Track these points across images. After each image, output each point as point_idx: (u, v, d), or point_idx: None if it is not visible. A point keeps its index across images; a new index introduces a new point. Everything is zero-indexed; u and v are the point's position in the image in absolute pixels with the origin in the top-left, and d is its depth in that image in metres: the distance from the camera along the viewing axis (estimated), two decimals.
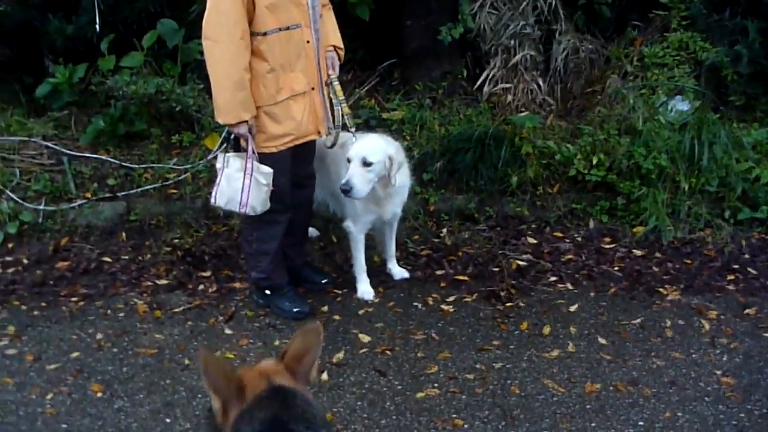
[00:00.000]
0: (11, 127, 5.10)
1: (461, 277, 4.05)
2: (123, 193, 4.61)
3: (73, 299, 3.86)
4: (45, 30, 5.30)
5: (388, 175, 3.49)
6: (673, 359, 3.33)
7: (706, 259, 4.26)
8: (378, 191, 3.58)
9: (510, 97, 5.40)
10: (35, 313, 3.75)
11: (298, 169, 3.51)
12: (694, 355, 3.37)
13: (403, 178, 3.67)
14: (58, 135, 5.13)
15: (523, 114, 5.17)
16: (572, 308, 3.74)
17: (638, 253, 4.31)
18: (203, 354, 1.59)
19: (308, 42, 3.27)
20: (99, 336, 3.54)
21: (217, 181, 3.31)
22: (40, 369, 3.30)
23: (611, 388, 3.12)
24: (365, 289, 3.86)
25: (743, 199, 4.58)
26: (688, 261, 4.24)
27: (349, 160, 3.43)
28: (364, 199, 3.54)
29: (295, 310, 3.65)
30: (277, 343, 3.46)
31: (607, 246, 4.39)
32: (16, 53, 5.60)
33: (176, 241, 4.37)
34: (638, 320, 3.64)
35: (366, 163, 3.40)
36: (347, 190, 3.37)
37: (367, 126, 4.95)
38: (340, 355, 3.36)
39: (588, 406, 3.01)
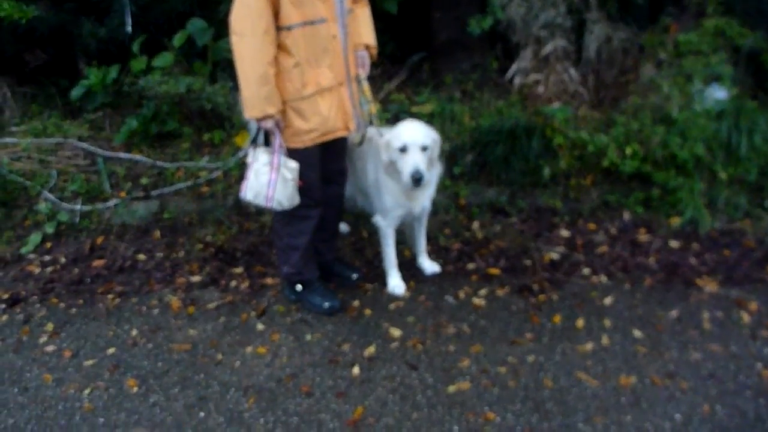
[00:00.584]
0: (48, 129, 5.23)
1: (493, 271, 4.01)
2: (156, 192, 4.68)
3: (109, 296, 3.93)
4: (78, 33, 5.40)
5: (431, 157, 3.48)
6: (712, 352, 3.25)
7: (746, 250, 4.15)
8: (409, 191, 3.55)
9: (541, 88, 5.33)
10: (73, 310, 3.83)
11: (328, 164, 3.51)
12: (733, 348, 3.28)
13: (436, 169, 3.66)
14: (93, 136, 5.24)
15: (554, 105, 5.09)
16: (606, 301, 3.68)
17: (675, 244, 4.22)
18: None
19: (335, 37, 3.25)
20: (134, 332, 3.60)
21: (247, 175, 3.33)
22: (78, 365, 3.36)
23: (647, 381, 3.06)
24: (396, 284, 3.85)
25: None
26: (727, 252, 4.13)
27: (403, 150, 3.39)
28: (396, 193, 3.54)
29: (326, 305, 3.66)
30: (308, 338, 3.47)
31: (643, 238, 4.30)
32: (52, 57, 5.71)
33: (209, 238, 4.42)
34: (675, 312, 3.57)
35: (424, 148, 3.40)
36: (419, 179, 3.34)
37: (397, 120, 4.91)
38: (372, 349, 3.35)
39: (623, 400, 2.95)
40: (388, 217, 3.71)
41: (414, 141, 3.38)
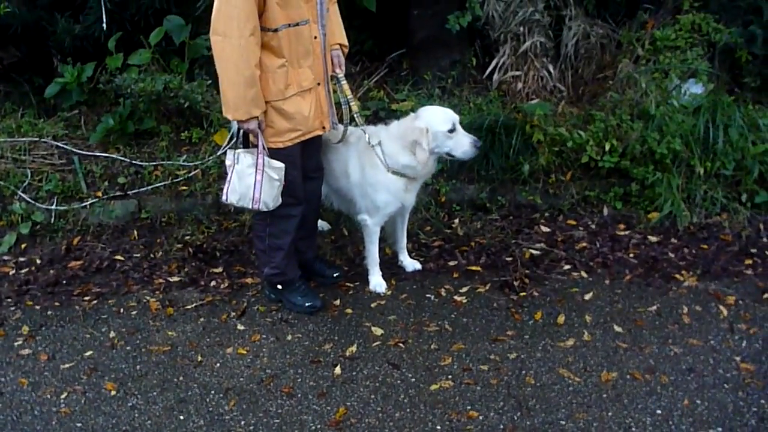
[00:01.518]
0: (22, 128, 5.12)
1: (474, 268, 4.01)
2: (134, 191, 4.62)
3: (86, 298, 3.88)
4: (53, 30, 5.29)
5: None
6: (691, 346, 3.28)
7: (723, 244, 4.20)
8: (418, 170, 3.57)
9: (520, 85, 5.34)
10: (49, 312, 3.77)
11: (307, 162, 3.50)
12: (712, 342, 3.31)
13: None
14: (68, 135, 5.14)
15: (533, 101, 5.10)
16: (587, 297, 3.70)
17: (653, 239, 4.25)
18: None
19: (315, 38, 3.25)
20: (112, 334, 3.55)
21: (228, 178, 3.29)
22: (55, 368, 3.31)
23: (628, 376, 3.08)
24: (377, 282, 3.83)
25: (760, 182, 4.50)
26: (705, 246, 4.18)
27: (453, 130, 3.47)
28: (397, 188, 3.60)
29: (307, 304, 3.63)
30: (289, 338, 3.44)
31: (622, 233, 4.33)
32: (25, 54, 5.61)
33: (187, 237, 4.37)
34: (654, 307, 3.59)
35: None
36: (480, 145, 3.53)
37: (376, 117, 4.91)
38: (353, 348, 3.34)
39: (604, 395, 2.97)
40: (378, 215, 3.69)
41: (456, 118, 3.53)
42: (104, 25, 4.99)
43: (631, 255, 4.10)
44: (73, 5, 5.29)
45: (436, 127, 3.44)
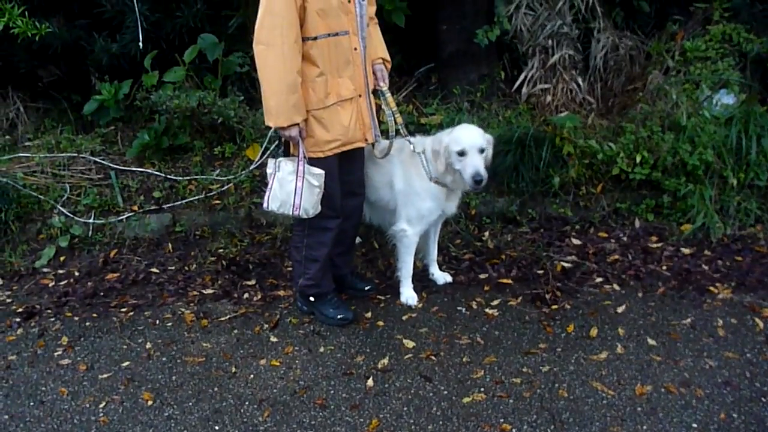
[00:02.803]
0: (61, 144, 5.28)
1: (505, 281, 4.01)
2: (168, 205, 4.72)
3: (123, 310, 3.96)
4: (91, 49, 5.45)
5: (486, 157, 3.57)
6: (727, 359, 3.24)
7: (758, 256, 4.14)
8: (456, 181, 3.58)
9: (549, 98, 5.34)
10: (87, 323, 3.86)
11: (347, 176, 3.53)
12: (748, 355, 3.27)
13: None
14: (105, 150, 5.29)
15: (563, 114, 5.10)
16: (620, 309, 3.68)
17: (686, 251, 4.21)
18: None
19: (356, 49, 3.31)
20: (148, 345, 3.61)
21: (269, 185, 3.35)
22: (93, 378, 3.38)
23: (662, 389, 3.05)
24: (409, 294, 3.86)
25: None
26: (739, 258, 4.13)
27: (462, 153, 3.44)
28: (439, 197, 3.63)
29: (339, 316, 3.67)
30: (322, 350, 3.48)
31: (654, 245, 4.30)
32: (65, 73, 5.77)
33: (221, 250, 4.45)
34: (689, 320, 3.56)
35: (481, 150, 3.47)
36: (481, 181, 3.41)
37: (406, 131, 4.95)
38: (385, 360, 3.36)
39: (639, 409, 2.94)
40: (420, 224, 3.73)
41: (473, 144, 3.46)
42: (140, 44, 5.12)
43: (664, 267, 4.07)
44: (111, 25, 5.44)
45: (451, 146, 3.48)
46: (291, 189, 3.25)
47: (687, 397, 3.00)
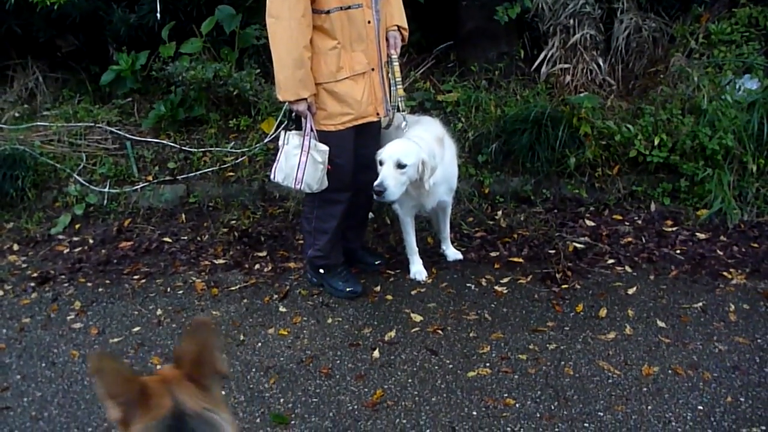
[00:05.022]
0: (78, 114, 5.33)
1: (516, 259, 3.99)
2: (183, 176, 4.75)
3: (135, 277, 4.00)
4: (109, 20, 5.45)
5: (420, 179, 3.41)
6: (737, 344, 3.20)
7: None
8: (411, 192, 3.52)
9: (569, 78, 5.26)
10: (100, 290, 3.91)
11: (361, 149, 3.49)
12: (759, 341, 3.23)
13: (443, 173, 3.57)
14: (122, 121, 5.32)
15: (582, 95, 5.04)
16: (630, 291, 3.64)
17: (702, 236, 4.16)
18: (97, 356, 1.40)
19: (369, 22, 3.27)
20: (159, 312, 3.65)
21: (277, 157, 3.37)
22: (104, 342, 3.43)
23: (670, 371, 3.03)
24: (418, 269, 3.85)
25: None
26: (755, 245, 4.06)
27: (381, 163, 3.37)
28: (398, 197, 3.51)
29: (348, 289, 3.68)
30: (329, 321, 3.49)
31: (669, 229, 4.25)
32: (83, 43, 5.78)
33: (233, 222, 4.47)
34: (700, 304, 3.52)
35: (400, 165, 3.33)
36: (381, 192, 3.30)
37: (422, 108, 4.93)
38: (392, 333, 3.37)
39: (645, 389, 2.92)
40: (404, 206, 3.71)
41: (390, 156, 3.33)
42: (158, 15, 5.12)
43: (678, 251, 4.02)
44: None
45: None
46: (295, 163, 3.25)
47: (694, 380, 2.97)
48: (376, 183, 3.32)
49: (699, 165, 4.38)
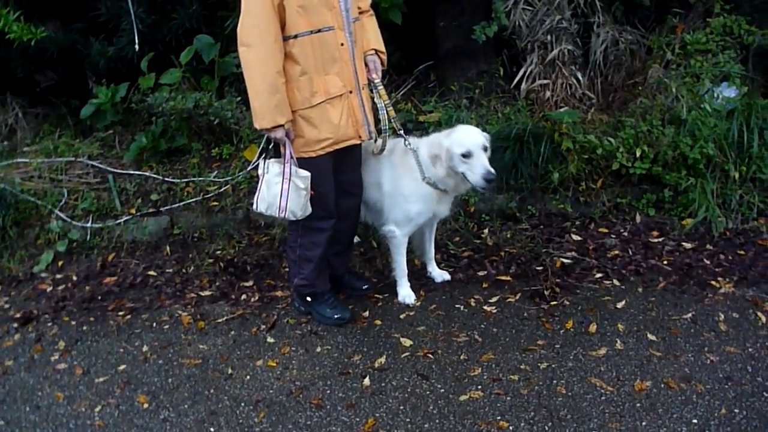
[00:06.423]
0: (59, 149, 5.29)
1: (504, 278, 3.97)
2: (166, 208, 4.72)
3: (120, 313, 3.95)
4: (88, 53, 5.44)
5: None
6: (728, 354, 3.19)
7: (761, 249, 4.09)
8: (451, 185, 3.51)
9: (549, 93, 5.29)
10: (84, 328, 3.85)
11: (342, 175, 3.48)
12: (750, 349, 3.22)
13: None
14: (103, 154, 5.29)
15: (562, 109, 5.06)
16: (619, 305, 3.63)
17: (688, 246, 4.16)
18: None
19: (342, 44, 3.25)
20: (145, 348, 3.60)
21: (258, 187, 3.34)
22: (89, 382, 3.37)
23: (662, 385, 3.01)
24: (406, 293, 3.82)
25: None
26: (742, 252, 4.07)
27: (467, 155, 3.33)
28: (430, 199, 3.54)
29: (336, 316, 3.64)
30: (319, 350, 3.45)
31: (655, 240, 4.25)
32: (62, 77, 5.77)
33: (219, 252, 4.43)
34: (690, 315, 3.51)
35: (485, 149, 3.39)
36: (492, 180, 3.30)
37: (404, 129, 4.91)
38: (382, 359, 3.33)
39: (638, 405, 2.90)
40: (408, 226, 3.66)
41: (476, 144, 3.36)
42: (137, 47, 5.11)
43: (665, 262, 4.02)
44: (107, 28, 5.43)
45: (453, 148, 3.38)
46: (277, 191, 3.22)
47: (687, 393, 2.95)
48: (483, 174, 3.28)
49: (682, 175, 4.40)
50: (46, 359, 3.59)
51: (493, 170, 3.30)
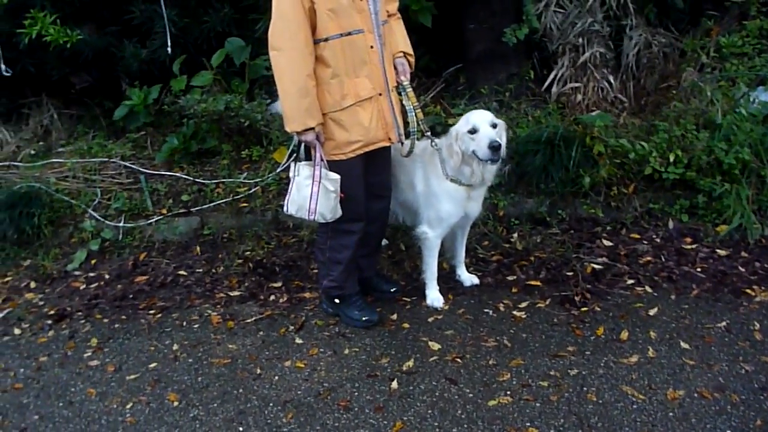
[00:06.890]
0: (92, 150, 5.38)
1: (533, 282, 3.94)
2: (196, 208, 4.76)
3: (151, 312, 3.99)
4: (122, 55, 5.54)
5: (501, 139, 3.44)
6: (764, 364, 3.12)
7: None
8: (474, 172, 3.49)
9: (580, 97, 5.25)
10: (116, 325, 3.90)
11: (372, 177, 3.48)
12: None
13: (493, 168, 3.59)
14: (135, 155, 5.37)
15: (593, 113, 5.00)
16: (651, 312, 3.58)
17: (722, 252, 4.09)
18: None
19: (372, 47, 3.26)
20: (175, 347, 3.64)
21: (289, 189, 3.35)
22: (121, 379, 3.41)
23: (696, 394, 2.95)
24: (435, 296, 3.81)
25: None
26: None
27: (474, 130, 3.38)
28: (458, 197, 3.54)
29: (364, 318, 3.64)
30: (347, 352, 3.45)
31: (688, 246, 4.18)
32: (96, 79, 5.87)
33: (248, 253, 4.46)
34: (724, 323, 3.44)
35: (493, 125, 3.40)
36: (497, 147, 3.29)
37: (433, 132, 4.90)
38: (410, 363, 3.32)
39: (671, 414, 2.85)
40: (441, 227, 3.66)
41: (483, 120, 3.41)
42: (169, 49, 5.18)
43: (699, 269, 3.95)
44: (140, 31, 5.52)
45: (461, 128, 3.44)
46: (307, 194, 3.23)
47: (721, 403, 2.89)
48: (488, 142, 3.30)
49: (716, 180, 4.32)
50: (79, 356, 3.65)
51: (497, 138, 3.32)
